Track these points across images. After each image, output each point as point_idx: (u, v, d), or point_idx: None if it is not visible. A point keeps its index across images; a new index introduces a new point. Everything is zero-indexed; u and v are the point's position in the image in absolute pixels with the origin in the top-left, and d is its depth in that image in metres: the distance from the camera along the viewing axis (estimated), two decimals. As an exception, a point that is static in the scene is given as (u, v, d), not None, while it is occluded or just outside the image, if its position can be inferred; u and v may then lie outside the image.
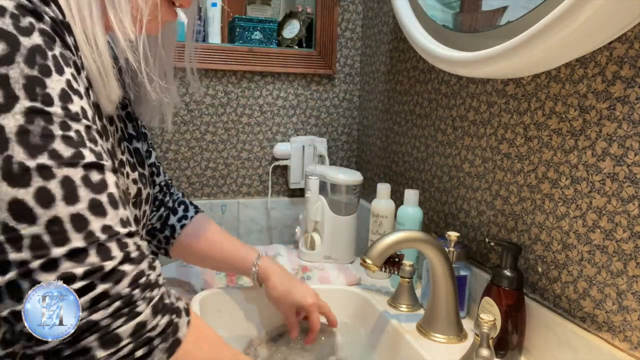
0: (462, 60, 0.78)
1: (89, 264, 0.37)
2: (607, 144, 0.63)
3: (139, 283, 0.40)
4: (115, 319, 0.38)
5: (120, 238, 0.40)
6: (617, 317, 0.62)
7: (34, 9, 0.38)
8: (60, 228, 0.36)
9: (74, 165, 0.38)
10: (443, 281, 0.78)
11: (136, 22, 0.49)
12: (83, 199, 0.38)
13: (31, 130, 0.36)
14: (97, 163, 0.40)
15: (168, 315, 0.42)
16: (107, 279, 0.38)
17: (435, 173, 1.03)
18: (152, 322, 0.40)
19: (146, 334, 0.40)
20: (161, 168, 0.83)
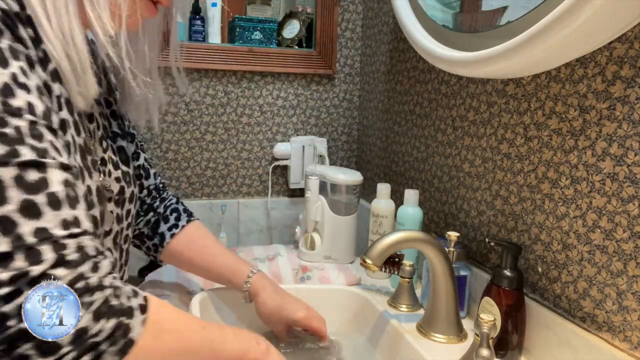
0: (462, 60, 0.78)
1: (14, 268, 0.35)
2: (607, 144, 0.63)
3: (75, 288, 0.37)
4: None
5: (57, 240, 0.37)
6: (617, 317, 0.62)
7: None
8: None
9: (5, 164, 0.36)
10: (443, 281, 0.78)
11: (115, 17, 0.49)
12: (12, 200, 0.35)
13: None
14: (35, 161, 0.37)
15: (115, 318, 0.40)
16: (35, 285, 0.35)
17: (435, 173, 1.03)
18: (95, 328, 0.38)
19: (89, 340, 0.38)
20: (152, 171, 0.81)
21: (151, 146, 1.28)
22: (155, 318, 0.43)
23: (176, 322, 0.47)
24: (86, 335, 0.38)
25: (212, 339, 0.51)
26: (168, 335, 0.45)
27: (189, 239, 0.80)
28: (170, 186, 1.31)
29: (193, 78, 1.28)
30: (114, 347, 0.39)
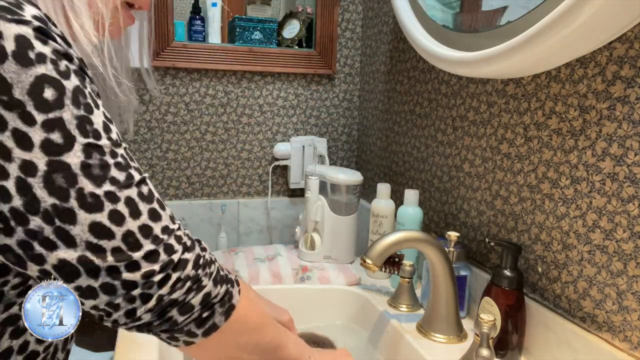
0: (462, 60, 0.78)
1: (162, 260, 0.44)
2: (607, 144, 0.63)
3: (199, 264, 0.48)
4: (188, 294, 0.46)
5: (175, 233, 0.47)
6: (617, 317, 0.62)
7: (65, 52, 0.42)
8: (134, 239, 0.43)
9: (129, 186, 0.44)
10: (443, 281, 0.78)
11: (98, 26, 0.51)
12: (144, 212, 0.45)
13: (91, 164, 0.42)
14: (142, 179, 0.46)
15: (225, 285, 0.50)
16: (177, 268, 0.45)
17: (435, 173, 1.03)
18: (215, 292, 0.48)
19: (211, 301, 0.48)
20: None
21: (151, 146, 1.28)
22: (245, 293, 0.53)
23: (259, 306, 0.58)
24: (210, 298, 0.48)
25: (280, 339, 0.58)
26: (254, 309, 0.54)
27: None
28: (170, 186, 1.31)
29: (193, 78, 1.28)
30: (222, 308, 0.49)
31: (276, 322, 0.59)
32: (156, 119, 1.27)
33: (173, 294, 0.45)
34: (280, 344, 0.58)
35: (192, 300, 0.47)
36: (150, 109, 1.27)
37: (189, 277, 0.46)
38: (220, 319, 0.49)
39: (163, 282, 0.45)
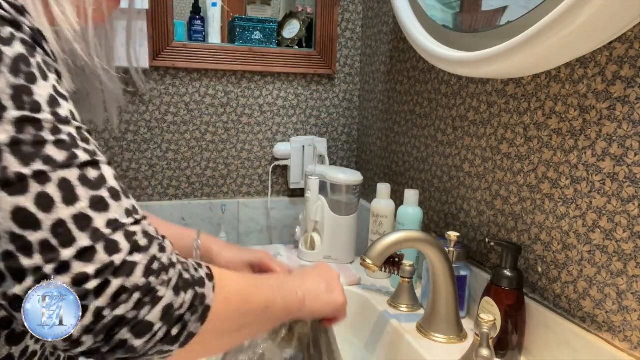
0: (462, 60, 0.78)
1: (99, 261, 0.37)
2: (607, 144, 0.63)
3: (152, 270, 0.40)
4: (139, 309, 0.38)
5: (127, 228, 0.39)
6: (617, 317, 0.62)
7: (13, 19, 0.38)
8: (65, 230, 0.36)
9: (68, 167, 0.38)
10: (443, 281, 0.78)
11: (80, 12, 0.48)
12: (83, 198, 0.38)
13: (22, 139, 0.36)
14: (92, 160, 0.40)
15: (191, 290, 0.43)
16: (120, 273, 0.38)
17: (435, 173, 1.03)
18: (178, 301, 0.41)
19: (175, 313, 0.41)
20: None
21: (151, 146, 1.28)
22: (221, 283, 0.47)
23: (237, 284, 0.50)
24: (172, 310, 0.40)
25: (266, 297, 0.54)
26: (234, 297, 0.49)
27: None
28: (170, 186, 1.31)
29: (193, 78, 1.28)
30: (195, 315, 0.43)
31: (256, 281, 0.54)
32: (156, 119, 1.27)
33: (117, 308, 0.37)
34: (267, 304, 0.53)
35: (147, 317, 0.39)
36: (150, 109, 1.27)
37: (137, 286, 0.38)
38: (196, 326, 0.43)
39: (100, 291, 0.37)
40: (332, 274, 0.68)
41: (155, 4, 1.20)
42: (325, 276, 0.67)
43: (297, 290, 0.60)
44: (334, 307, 0.66)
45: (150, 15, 1.19)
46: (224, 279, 0.48)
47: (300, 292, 0.60)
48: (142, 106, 1.26)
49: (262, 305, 0.53)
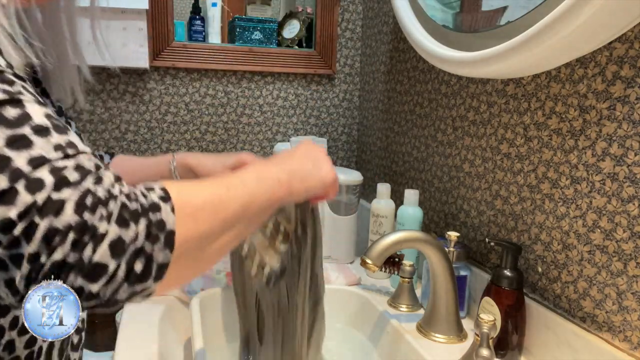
0: (462, 60, 0.78)
1: (21, 203, 0.33)
2: (607, 144, 0.63)
3: (85, 205, 0.35)
4: (80, 251, 0.34)
5: (54, 164, 0.35)
6: (617, 317, 0.62)
7: None
8: None
9: None
10: (443, 281, 0.78)
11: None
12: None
13: None
14: (10, 99, 0.36)
15: (143, 219, 0.38)
16: (45, 212, 0.33)
17: (435, 173, 1.03)
18: (129, 234, 0.36)
19: (130, 248, 0.36)
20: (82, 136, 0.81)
21: (151, 146, 1.28)
22: (181, 201, 0.41)
23: (203, 195, 0.45)
24: (124, 245, 0.36)
25: (242, 197, 0.49)
26: (202, 212, 0.43)
27: (117, 164, 0.80)
28: (170, 186, 1.31)
29: (193, 78, 1.28)
30: (158, 244, 0.38)
31: (227, 183, 0.49)
32: (156, 119, 1.27)
33: (53, 253, 0.34)
34: (245, 204, 0.48)
35: (95, 258, 0.35)
36: (150, 109, 1.27)
37: (69, 225, 0.34)
38: (165, 255, 0.39)
39: (28, 235, 0.33)
40: (317, 150, 0.63)
41: (155, 4, 1.20)
42: (311, 154, 0.62)
43: (280, 176, 0.55)
44: (324, 185, 0.61)
45: (150, 15, 1.19)
46: (185, 195, 0.43)
47: (284, 177, 0.55)
48: (142, 106, 1.26)
49: (239, 208, 0.47)
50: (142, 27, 1.18)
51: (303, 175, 0.58)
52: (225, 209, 0.46)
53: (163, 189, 0.41)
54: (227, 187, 0.47)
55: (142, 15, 1.18)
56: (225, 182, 0.48)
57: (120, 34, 1.17)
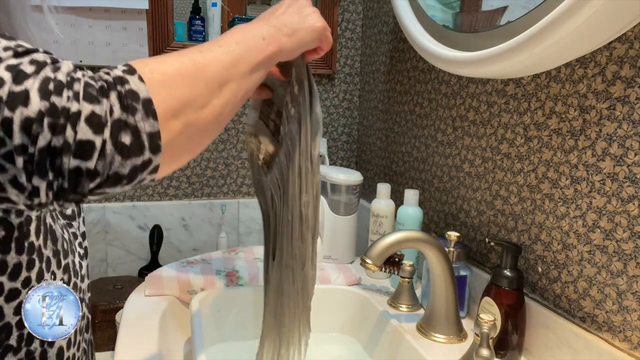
0: (462, 60, 0.78)
1: None
2: (607, 144, 0.63)
3: (49, 90, 0.35)
4: (62, 133, 0.35)
5: (6, 61, 0.35)
6: (617, 317, 0.62)
7: None
8: None
9: None
10: (443, 281, 0.78)
11: None
12: None
13: None
14: None
15: (113, 92, 0.38)
16: (14, 105, 0.34)
17: (435, 173, 1.03)
18: (103, 108, 0.36)
19: (109, 122, 0.36)
20: None
21: (151, 146, 1.28)
22: (149, 70, 0.41)
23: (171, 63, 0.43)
24: (101, 119, 0.36)
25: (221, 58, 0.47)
26: (177, 78, 0.42)
27: None
28: (170, 186, 1.31)
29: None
30: (139, 114, 0.38)
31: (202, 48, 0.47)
32: (156, 119, 1.27)
33: (36, 142, 0.34)
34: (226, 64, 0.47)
35: (79, 137, 0.35)
36: (150, 109, 1.27)
37: (41, 112, 0.34)
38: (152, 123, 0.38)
39: (7, 131, 0.34)
40: (301, 1, 0.61)
41: (155, 4, 1.20)
42: (294, 5, 0.60)
43: (264, 33, 0.53)
44: (315, 35, 0.59)
45: (150, 15, 1.19)
46: (151, 65, 0.42)
47: (270, 32, 0.53)
48: None
49: (221, 68, 0.46)
50: (142, 27, 1.18)
51: (291, 28, 0.57)
52: (203, 71, 0.44)
53: (126, 64, 0.41)
54: (200, 52, 0.46)
55: (142, 15, 1.18)
56: (198, 48, 0.46)
57: (120, 34, 1.17)
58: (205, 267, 1.00)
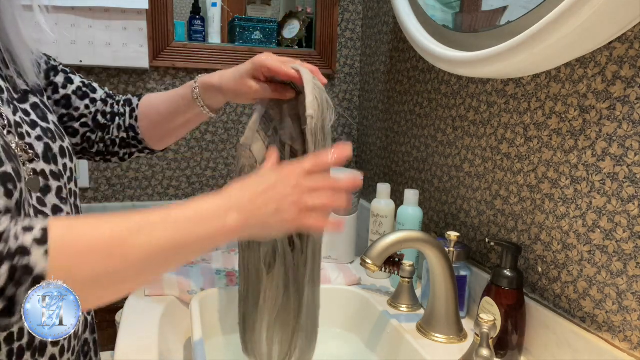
0: (462, 60, 0.78)
1: None
2: (607, 144, 0.63)
3: None
4: None
5: None
6: (617, 317, 0.62)
7: None
8: None
9: None
10: (443, 281, 0.78)
11: None
12: None
13: None
14: None
15: (7, 263, 0.40)
16: None
17: (435, 173, 1.03)
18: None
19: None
20: (94, 84, 0.80)
21: (151, 146, 1.28)
22: (61, 244, 0.42)
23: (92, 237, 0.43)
24: None
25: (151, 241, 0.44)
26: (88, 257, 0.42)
27: (145, 105, 0.81)
28: (170, 186, 1.31)
29: (193, 78, 1.28)
30: (23, 287, 0.40)
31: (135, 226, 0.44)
32: (156, 119, 1.27)
33: None
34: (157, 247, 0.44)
35: None
36: (150, 109, 1.27)
37: None
38: None
39: None
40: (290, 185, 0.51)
41: (155, 4, 1.20)
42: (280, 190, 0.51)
43: (227, 220, 0.48)
44: (287, 230, 0.53)
45: (150, 15, 1.19)
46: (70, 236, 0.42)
47: (233, 220, 0.48)
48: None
49: (145, 253, 0.44)
50: (142, 27, 1.18)
51: (260, 222, 0.50)
52: (125, 253, 0.43)
53: (43, 230, 0.41)
54: (129, 230, 0.44)
55: (142, 15, 1.18)
56: (131, 224, 0.45)
57: (120, 34, 1.17)
58: (205, 267, 1.00)
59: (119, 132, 0.80)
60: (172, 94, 0.81)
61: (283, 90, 0.67)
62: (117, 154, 0.80)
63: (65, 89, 0.73)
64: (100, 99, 0.80)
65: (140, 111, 0.80)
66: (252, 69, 0.68)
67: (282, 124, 0.65)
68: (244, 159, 0.63)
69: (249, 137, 0.64)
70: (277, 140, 0.64)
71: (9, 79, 0.61)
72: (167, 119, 0.81)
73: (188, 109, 0.79)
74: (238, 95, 0.72)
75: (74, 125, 0.75)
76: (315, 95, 0.58)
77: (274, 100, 0.68)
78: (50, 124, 0.63)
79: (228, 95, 0.74)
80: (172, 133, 0.83)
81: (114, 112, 0.80)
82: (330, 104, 0.60)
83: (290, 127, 0.63)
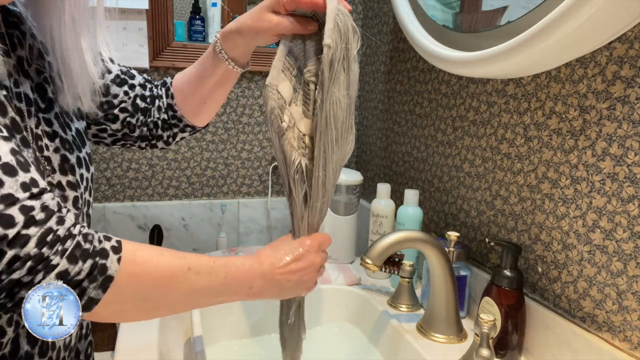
0: (462, 60, 0.78)
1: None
2: (607, 144, 0.63)
3: (46, 241, 0.43)
4: (33, 275, 0.42)
5: (23, 203, 0.42)
6: (617, 317, 0.62)
7: None
8: None
9: None
10: (443, 281, 0.78)
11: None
12: None
13: None
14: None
15: (90, 259, 0.45)
16: (14, 245, 0.41)
17: (435, 173, 1.03)
18: (75, 269, 0.44)
19: (72, 279, 0.44)
20: (133, 71, 0.80)
21: (151, 146, 1.28)
22: (131, 259, 0.49)
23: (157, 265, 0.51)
24: (68, 276, 0.44)
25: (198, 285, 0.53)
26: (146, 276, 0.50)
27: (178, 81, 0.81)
28: (170, 186, 1.31)
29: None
30: (95, 284, 0.46)
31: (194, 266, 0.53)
32: (156, 119, 1.27)
33: (12, 273, 0.42)
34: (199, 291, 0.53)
35: (43, 282, 0.43)
36: (150, 109, 1.27)
37: (29, 255, 0.42)
38: (97, 293, 0.46)
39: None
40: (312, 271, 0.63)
41: (155, 4, 1.20)
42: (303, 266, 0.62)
43: (254, 284, 0.57)
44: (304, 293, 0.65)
45: (150, 15, 1.19)
46: (139, 256, 0.49)
47: (258, 286, 0.58)
48: None
49: (189, 291, 0.53)
50: (142, 27, 1.18)
51: (282, 290, 0.61)
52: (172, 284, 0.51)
53: (118, 241, 0.49)
54: (188, 268, 0.53)
55: (142, 15, 1.18)
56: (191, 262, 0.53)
57: (120, 34, 1.17)
58: (205, 267, 1.00)
59: (160, 113, 0.80)
60: (199, 59, 0.80)
61: (305, 23, 0.66)
62: (161, 137, 0.80)
63: (102, 79, 0.72)
64: (139, 84, 0.79)
65: (174, 86, 0.80)
66: (272, 2, 0.67)
67: (305, 61, 0.63)
68: (272, 100, 0.61)
69: (275, 76, 0.63)
70: (302, 80, 0.63)
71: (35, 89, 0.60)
72: (197, 86, 0.80)
73: (215, 68, 0.77)
74: (258, 32, 0.71)
75: (114, 111, 0.74)
76: (338, 21, 0.57)
77: (297, 36, 0.65)
78: (68, 135, 0.62)
79: (248, 36, 0.72)
80: (206, 101, 0.81)
81: (154, 95, 0.80)
82: (356, 31, 0.60)
83: (314, 64, 0.61)
